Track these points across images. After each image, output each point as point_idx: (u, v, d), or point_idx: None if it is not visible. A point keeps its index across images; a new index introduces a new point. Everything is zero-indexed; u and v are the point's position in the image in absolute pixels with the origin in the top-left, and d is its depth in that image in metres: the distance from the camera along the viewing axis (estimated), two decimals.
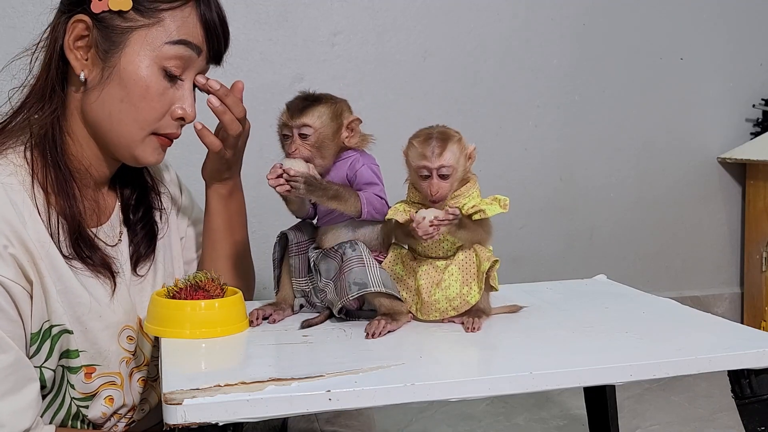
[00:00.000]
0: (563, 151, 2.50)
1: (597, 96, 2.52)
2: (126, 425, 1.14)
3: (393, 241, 1.13)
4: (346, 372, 0.86)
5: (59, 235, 1.03)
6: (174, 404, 0.77)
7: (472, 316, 1.07)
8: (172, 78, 1.06)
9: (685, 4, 2.58)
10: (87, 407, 1.07)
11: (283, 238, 1.16)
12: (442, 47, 2.34)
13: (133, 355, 1.12)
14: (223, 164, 1.20)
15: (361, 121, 1.12)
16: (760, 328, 1.67)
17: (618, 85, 2.54)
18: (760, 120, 2.69)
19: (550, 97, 2.47)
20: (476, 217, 1.05)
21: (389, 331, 1.03)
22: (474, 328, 1.05)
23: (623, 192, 2.60)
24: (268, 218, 1.15)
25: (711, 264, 2.74)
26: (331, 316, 1.12)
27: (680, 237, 2.69)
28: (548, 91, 2.46)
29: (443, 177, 1.04)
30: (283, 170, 1.03)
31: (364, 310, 1.11)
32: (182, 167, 2.06)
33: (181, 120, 1.09)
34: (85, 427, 1.09)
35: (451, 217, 0.99)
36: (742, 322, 1.78)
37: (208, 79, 1.11)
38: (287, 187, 1.03)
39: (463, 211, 1.05)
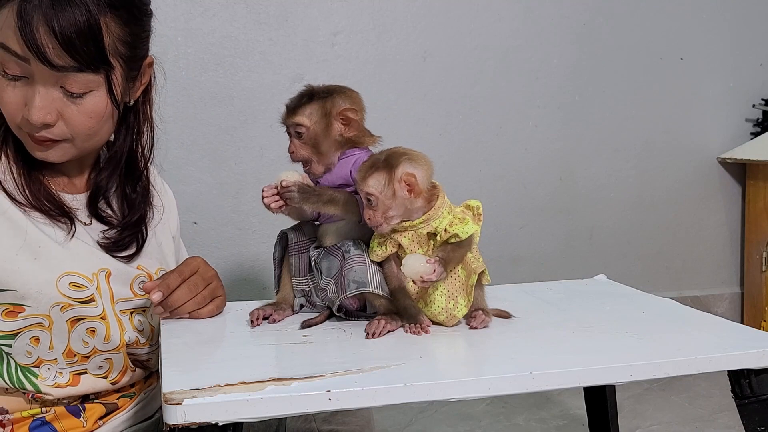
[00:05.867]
0: (563, 151, 2.50)
1: (597, 96, 2.52)
2: (75, 373, 1.11)
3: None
4: (346, 372, 0.86)
5: (10, 177, 1.07)
6: (174, 404, 0.77)
7: (478, 315, 1.06)
8: (13, 77, 1.02)
9: (685, 4, 2.58)
10: (10, 346, 1.06)
11: (283, 237, 1.16)
12: (442, 47, 2.33)
13: (80, 302, 1.08)
14: None
15: (356, 110, 1.10)
16: (760, 328, 1.67)
17: (618, 85, 2.54)
18: (760, 120, 2.69)
19: (550, 97, 2.47)
20: (452, 241, 1.04)
21: (389, 331, 1.03)
22: (479, 326, 1.05)
23: (623, 192, 2.59)
24: (269, 218, 1.15)
25: (711, 264, 2.74)
26: (331, 315, 1.12)
27: (680, 237, 2.69)
28: (548, 91, 2.46)
29: None
30: (278, 183, 1.07)
31: (364, 312, 1.11)
32: (182, 167, 2.06)
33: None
34: (19, 374, 1.07)
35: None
36: (742, 322, 1.78)
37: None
38: (281, 202, 1.08)
39: (440, 237, 1.04)
